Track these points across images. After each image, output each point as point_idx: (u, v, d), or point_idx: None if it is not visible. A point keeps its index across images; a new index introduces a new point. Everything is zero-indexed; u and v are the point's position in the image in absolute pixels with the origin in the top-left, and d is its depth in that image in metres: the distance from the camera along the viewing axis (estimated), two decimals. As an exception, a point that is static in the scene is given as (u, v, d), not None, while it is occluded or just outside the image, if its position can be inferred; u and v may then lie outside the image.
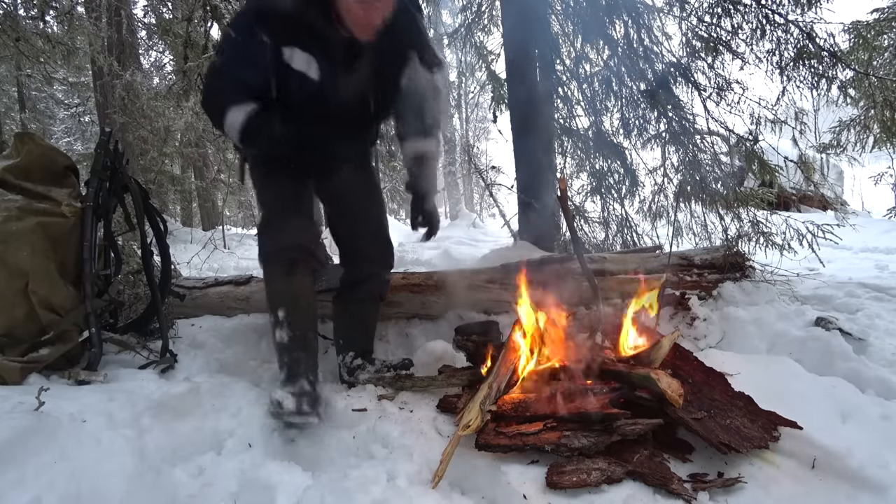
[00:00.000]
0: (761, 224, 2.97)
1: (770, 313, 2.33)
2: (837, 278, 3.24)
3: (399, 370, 1.87)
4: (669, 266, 2.46)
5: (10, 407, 1.32)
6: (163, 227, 2.16)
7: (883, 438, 1.39)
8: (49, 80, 7.73)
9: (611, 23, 3.38)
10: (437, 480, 1.27)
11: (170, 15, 7.98)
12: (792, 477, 1.28)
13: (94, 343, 1.79)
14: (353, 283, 1.98)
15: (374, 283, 1.98)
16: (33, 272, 1.75)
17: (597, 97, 3.63)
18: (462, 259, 4.18)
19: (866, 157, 5.12)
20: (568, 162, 3.85)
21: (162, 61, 9.55)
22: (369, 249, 1.96)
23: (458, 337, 1.88)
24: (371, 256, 1.96)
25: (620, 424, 1.35)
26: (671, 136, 3.25)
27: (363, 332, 2.02)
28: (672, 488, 1.21)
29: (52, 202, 1.88)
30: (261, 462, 1.37)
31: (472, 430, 1.32)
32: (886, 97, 3.18)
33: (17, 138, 1.98)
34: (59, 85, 9.78)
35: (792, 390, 1.61)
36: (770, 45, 3.10)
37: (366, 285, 1.96)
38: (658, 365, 1.59)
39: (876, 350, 2.12)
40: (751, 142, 3.16)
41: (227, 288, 2.55)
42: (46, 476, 1.12)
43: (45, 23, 5.39)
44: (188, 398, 1.60)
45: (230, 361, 2.19)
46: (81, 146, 11.01)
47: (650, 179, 3.61)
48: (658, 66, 3.31)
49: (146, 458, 1.33)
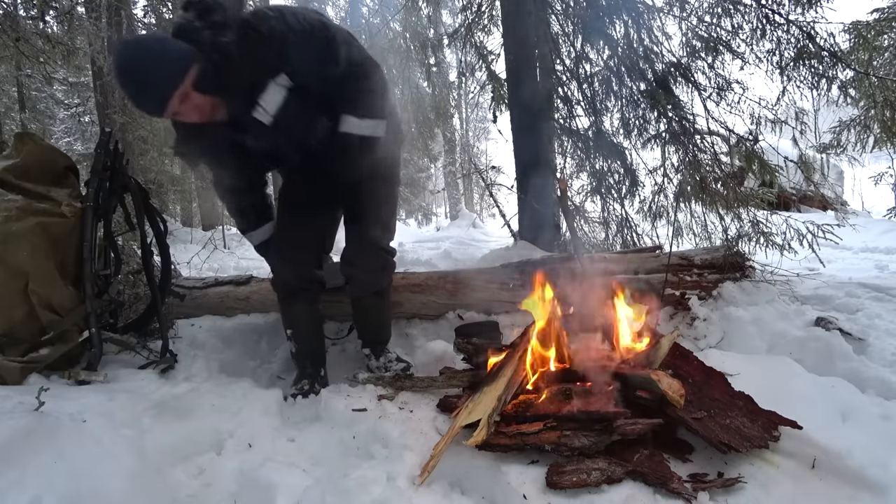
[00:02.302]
0: (761, 224, 2.97)
1: (770, 313, 2.34)
2: (837, 278, 3.24)
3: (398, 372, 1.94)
4: (669, 266, 2.46)
5: (10, 407, 1.32)
6: (163, 227, 2.15)
7: (883, 438, 1.39)
8: (49, 80, 7.73)
9: (611, 23, 3.38)
10: (425, 475, 1.27)
11: (170, 15, 7.99)
12: (792, 477, 1.28)
13: (94, 343, 1.79)
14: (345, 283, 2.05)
15: (354, 286, 1.99)
16: (33, 272, 1.75)
17: (597, 97, 3.63)
18: (462, 259, 4.18)
19: (866, 157, 5.13)
20: (568, 162, 3.85)
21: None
22: (348, 253, 1.97)
23: (458, 339, 1.88)
24: (349, 259, 1.95)
25: (620, 424, 1.35)
26: (671, 136, 3.25)
27: (365, 326, 2.11)
28: (672, 488, 1.21)
29: (52, 202, 1.88)
30: (261, 462, 1.37)
31: (476, 442, 1.32)
32: (887, 97, 3.18)
33: (17, 138, 1.98)
34: (59, 85, 9.78)
35: (792, 390, 1.61)
36: (770, 45, 3.10)
37: (349, 286, 2.01)
38: (658, 365, 1.59)
39: (876, 350, 2.12)
40: (751, 142, 3.16)
41: (227, 288, 2.55)
42: (46, 476, 1.12)
43: (45, 23, 5.39)
44: (188, 398, 1.60)
45: (230, 361, 2.20)
46: (81, 146, 11.00)
47: (650, 179, 3.61)
48: (658, 66, 3.31)
49: (146, 458, 1.33)
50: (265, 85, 1.56)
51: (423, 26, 4.83)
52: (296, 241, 1.93)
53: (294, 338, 2.00)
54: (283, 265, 1.95)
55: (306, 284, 1.96)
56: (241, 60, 1.51)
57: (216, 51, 1.49)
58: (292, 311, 1.99)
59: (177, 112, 1.51)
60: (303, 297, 1.97)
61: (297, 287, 1.95)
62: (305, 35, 1.56)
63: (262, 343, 2.37)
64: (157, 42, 1.51)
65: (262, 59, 1.54)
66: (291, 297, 1.97)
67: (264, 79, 1.56)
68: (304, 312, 1.99)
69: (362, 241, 1.94)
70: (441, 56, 5.87)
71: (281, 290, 1.98)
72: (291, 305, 1.99)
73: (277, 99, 1.58)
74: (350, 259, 1.95)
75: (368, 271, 1.95)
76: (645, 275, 2.54)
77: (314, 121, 1.68)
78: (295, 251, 1.93)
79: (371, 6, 7.29)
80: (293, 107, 1.61)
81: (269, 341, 2.37)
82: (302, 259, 1.94)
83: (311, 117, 1.67)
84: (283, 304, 2.00)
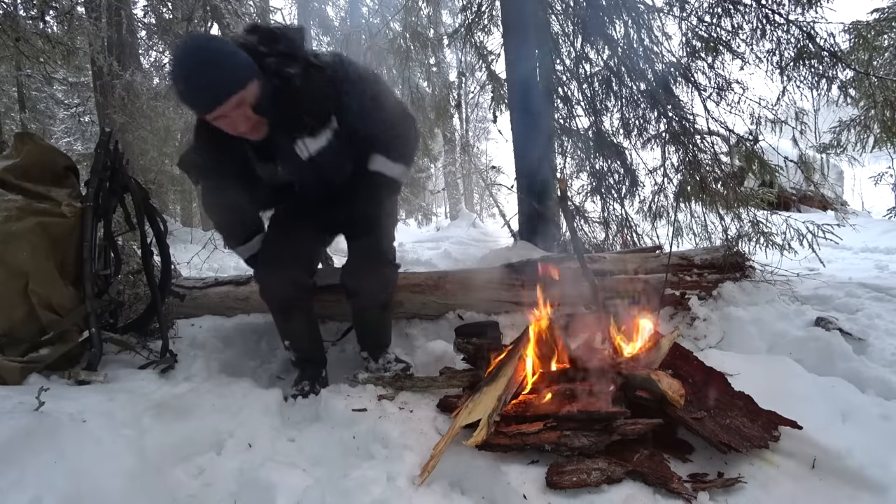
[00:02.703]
0: (761, 224, 2.97)
1: (770, 313, 2.34)
2: (837, 278, 3.24)
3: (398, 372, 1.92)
4: (669, 266, 2.46)
5: (10, 407, 1.32)
6: (163, 227, 2.15)
7: (883, 438, 1.38)
8: (49, 80, 7.73)
9: (611, 23, 3.38)
10: (425, 475, 1.27)
11: (170, 15, 7.98)
12: (792, 477, 1.28)
13: (94, 343, 1.79)
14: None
15: (361, 298, 1.95)
16: (33, 272, 1.75)
17: (597, 97, 3.63)
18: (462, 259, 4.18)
19: (866, 157, 5.13)
20: (568, 162, 3.85)
21: (162, 61, 9.56)
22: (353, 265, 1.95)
23: (458, 339, 1.87)
24: (355, 272, 1.93)
25: (620, 424, 1.35)
26: (671, 136, 3.25)
27: (366, 332, 2.08)
28: (672, 488, 1.21)
29: (52, 202, 1.88)
30: (261, 462, 1.37)
31: (476, 442, 1.32)
32: (887, 97, 3.18)
33: (17, 138, 1.98)
34: (59, 85, 9.77)
35: (792, 390, 1.61)
36: (770, 45, 3.10)
37: (354, 299, 1.96)
38: (658, 365, 1.59)
39: (876, 350, 2.12)
40: (751, 142, 3.16)
41: (227, 288, 2.55)
42: (46, 476, 1.12)
43: (45, 23, 5.39)
44: (188, 398, 1.60)
45: (230, 361, 2.20)
46: (81, 146, 10.99)
47: (650, 179, 3.61)
48: (658, 66, 3.31)
49: (146, 458, 1.32)
50: (314, 124, 1.66)
51: (423, 26, 4.83)
52: (291, 250, 1.89)
53: (292, 347, 1.98)
54: (277, 273, 1.86)
55: (300, 293, 1.91)
56: (300, 94, 1.58)
57: (280, 77, 1.55)
58: (288, 325, 1.96)
59: (223, 116, 1.51)
60: (296, 308, 1.92)
61: (291, 297, 1.89)
62: (360, 85, 1.67)
63: (262, 343, 2.37)
64: (229, 46, 1.53)
65: (320, 98, 1.62)
66: (285, 310, 1.93)
67: (315, 117, 1.65)
68: (299, 323, 1.95)
69: (369, 255, 1.91)
70: (441, 56, 5.88)
71: (273, 304, 1.92)
72: (286, 319, 1.94)
73: (322, 140, 1.69)
74: (355, 272, 1.91)
75: (375, 282, 1.92)
76: (645, 275, 2.54)
77: (346, 164, 1.79)
78: (291, 258, 1.88)
79: (371, 6, 7.30)
80: (332, 149, 1.71)
81: (269, 341, 2.37)
82: (297, 266, 1.90)
83: (345, 161, 1.78)
84: (278, 317, 1.96)
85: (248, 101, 1.50)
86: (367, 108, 1.68)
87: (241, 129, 1.57)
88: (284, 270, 1.86)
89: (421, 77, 6.09)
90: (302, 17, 11.60)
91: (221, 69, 1.46)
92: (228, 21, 5.13)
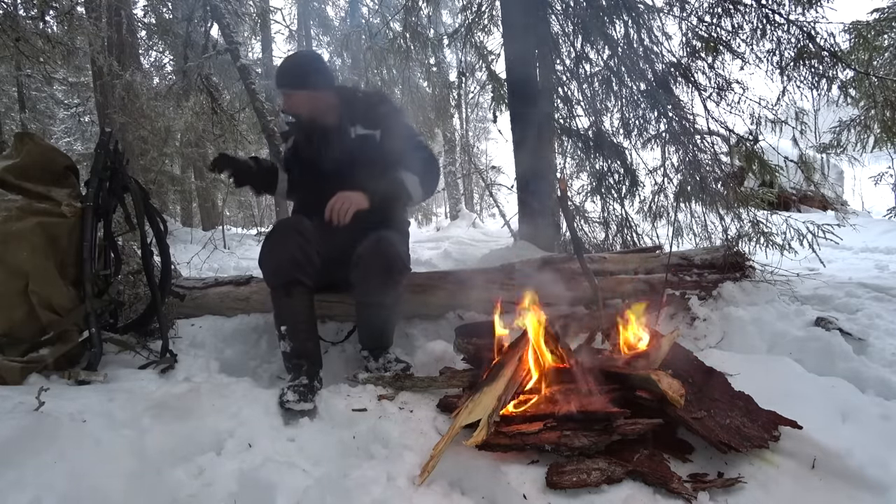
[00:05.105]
0: (761, 224, 2.97)
1: (770, 313, 2.34)
2: (837, 278, 3.24)
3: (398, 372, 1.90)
4: (669, 266, 2.46)
5: (10, 407, 1.32)
6: (163, 227, 2.15)
7: (883, 438, 1.39)
8: (49, 80, 7.74)
9: (611, 23, 3.38)
10: (425, 475, 1.27)
11: (170, 15, 7.99)
12: (792, 477, 1.28)
13: (94, 343, 1.79)
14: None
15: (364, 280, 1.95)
16: (33, 272, 1.75)
17: (597, 97, 3.63)
18: (462, 259, 4.18)
19: (866, 157, 5.13)
20: (568, 162, 3.85)
21: (162, 61, 9.57)
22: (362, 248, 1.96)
23: (458, 339, 1.87)
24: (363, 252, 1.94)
25: (620, 424, 1.35)
26: (671, 136, 3.25)
27: (369, 330, 2.08)
28: (672, 488, 1.21)
29: (52, 202, 1.88)
30: (261, 462, 1.36)
31: (476, 442, 1.32)
32: (887, 97, 3.18)
33: (17, 138, 1.98)
34: (59, 85, 9.78)
35: (792, 390, 1.61)
36: (770, 45, 3.10)
37: (358, 287, 1.98)
38: (658, 365, 1.59)
39: (876, 350, 2.12)
40: (751, 142, 3.17)
41: (227, 288, 2.55)
42: (46, 476, 1.12)
43: (45, 23, 5.39)
44: (188, 398, 1.60)
45: (230, 361, 2.20)
46: (81, 146, 11.00)
47: (650, 179, 3.61)
48: (658, 66, 3.31)
49: (146, 458, 1.32)
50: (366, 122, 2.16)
51: (423, 26, 4.83)
52: (296, 228, 1.92)
53: (288, 334, 1.89)
54: (286, 237, 1.89)
55: (304, 267, 1.89)
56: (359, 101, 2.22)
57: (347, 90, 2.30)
58: (287, 305, 1.90)
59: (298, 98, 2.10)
60: (298, 283, 1.89)
61: (294, 263, 1.87)
62: (402, 116, 2.29)
63: (262, 343, 2.37)
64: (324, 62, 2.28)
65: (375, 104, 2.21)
66: (286, 287, 1.89)
67: (368, 119, 2.16)
68: (299, 305, 1.90)
69: (380, 247, 1.92)
70: (441, 56, 5.87)
71: (275, 282, 1.90)
72: (286, 298, 1.89)
73: (369, 131, 2.17)
74: (365, 265, 1.91)
75: (383, 278, 1.92)
76: (645, 275, 2.54)
77: (378, 161, 2.08)
78: (298, 233, 1.90)
79: (371, 6, 7.30)
80: (374, 142, 2.15)
81: (269, 341, 2.37)
82: (306, 239, 1.90)
83: (378, 158, 2.11)
84: (277, 296, 1.91)
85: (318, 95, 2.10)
86: (404, 136, 2.15)
87: (301, 111, 2.13)
88: (293, 237, 1.89)
89: (421, 77, 6.09)
90: (302, 17, 11.58)
91: (313, 66, 2.14)
92: (228, 21, 5.13)
